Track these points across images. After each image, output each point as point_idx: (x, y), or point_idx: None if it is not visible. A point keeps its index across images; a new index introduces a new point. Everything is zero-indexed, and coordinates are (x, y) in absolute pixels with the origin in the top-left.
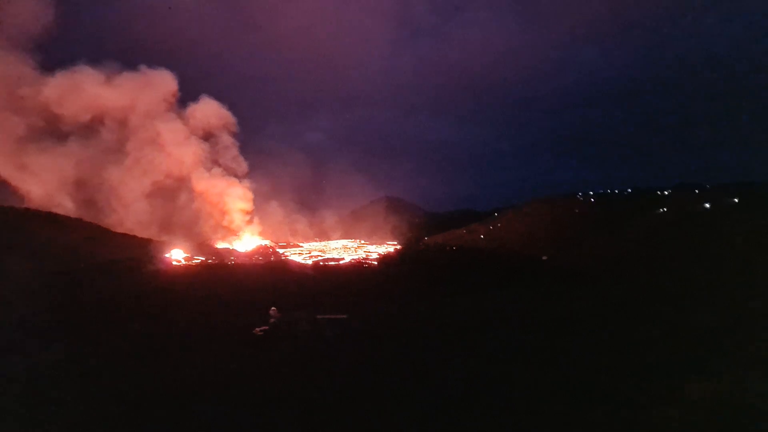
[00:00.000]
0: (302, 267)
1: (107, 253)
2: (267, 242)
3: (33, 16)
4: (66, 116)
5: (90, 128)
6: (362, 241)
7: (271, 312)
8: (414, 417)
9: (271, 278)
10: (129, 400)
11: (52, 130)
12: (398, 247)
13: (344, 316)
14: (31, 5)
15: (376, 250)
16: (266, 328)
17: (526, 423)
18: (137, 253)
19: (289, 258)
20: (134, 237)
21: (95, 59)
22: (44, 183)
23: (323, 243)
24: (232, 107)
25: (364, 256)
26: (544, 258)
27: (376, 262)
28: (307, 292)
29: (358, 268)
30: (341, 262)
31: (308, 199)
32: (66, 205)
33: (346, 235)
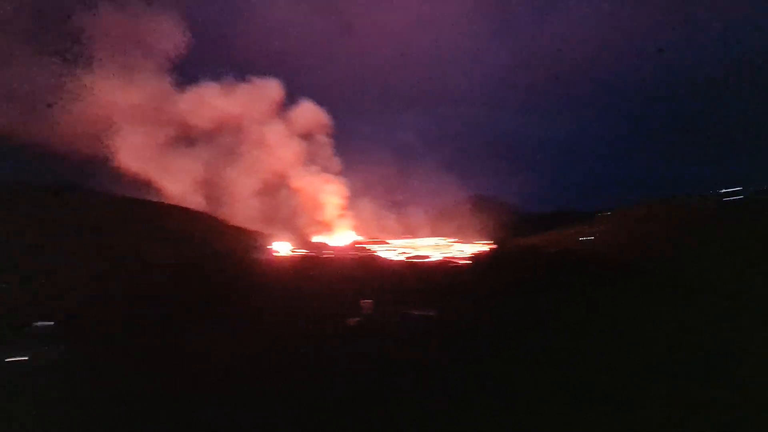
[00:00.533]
0: (392, 263)
1: (224, 242)
2: (359, 238)
3: (168, 39)
4: (194, 125)
5: (212, 134)
6: (452, 240)
7: (362, 304)
8: (494, 414)
9: (362, 272)
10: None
11: (184, 137)
12: (492, 246)
13: (433, 313)
14: (166, 31)
15: (467, 248)
16: (358, 319)
17: None
18: (246, 244)
19: (380, 254)
20: (244, 229)
21: (216, 73)
22: (178, 181)
23: (412, 240)
24: (328, 108)
25: (455, 254)
26: (658, 267)
27: (467, 261)
28: (396, 288)
29: (448, 266)
30: (431, 259)
31: (398, 197)
32: (196, 200)
33: (435, 233)
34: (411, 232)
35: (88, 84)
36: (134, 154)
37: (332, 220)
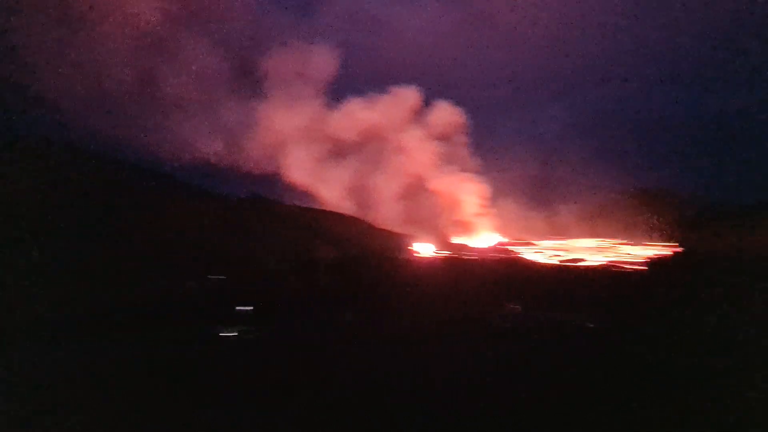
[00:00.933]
0: (541, 266)
1: (372, 244)
2: (503, 239)
3: (322, 67)
4: (344, 139)
5: (359, 145)
6: (617, 241)
7: (507, 309)
8: None
9: (507, 275)
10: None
11: (336, 150)
12: (675, 248)
13: (592, 325)
14: (320, 60)
15: (636, 251)
16: (503, 324)
17: None
18: (391, 245)
19: (526, 256)
20: (390, 231)
21: (360, 89)
22: (332, 190)
23: (565, 241)
24: (467, 107)
25: (621, 258)
26: None
27: (640, 267)
28: (547, 294)
29: (614, 272)
30: (588, 263)
31: (545, 195)
32: (348, 206)
33: (592, 233)
34: (562, 232)
35: (263, 113)
36: (298, 168)
37: (472, 220)
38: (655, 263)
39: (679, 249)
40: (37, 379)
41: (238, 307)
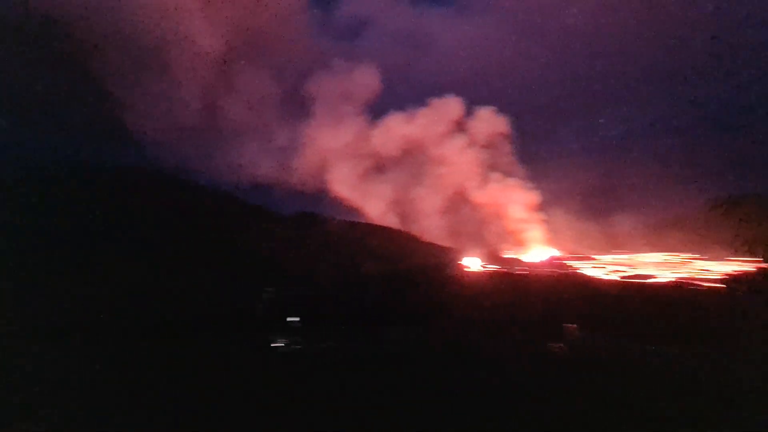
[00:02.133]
0: (602, 283)
1: (417, 257)
2: (558, 253)
3: (363, 85)
4: (386, 154)
5: (402, 159)
6: (690, 255)
7: (567, 328)
8: None
9: (564, 292)
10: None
11: (379, 165)
12: (761, 264)
13: (669, 350)
14: (361, 79)
15: (715, 267)
16: (561, 346)
17: None
18: (438, 259)
19: (585, 272)
20: (437, 245)
21: (401, 104)
22: (377, 204)
23: (629, 255)
24: (514, 116)
25: (695, 275)
26: None
27: (717, 285)
28: (609, 314)
29: (687, 290)
30: (657, 280)
31: (603, 204)
32: (393, 220)
33: (658, 247)
34: (622, 245)
35: (310, 133)
36: (344, 184)
37: (522, 231)
38: (735, 280)
39: (765, 264)
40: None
41: (288, 319)
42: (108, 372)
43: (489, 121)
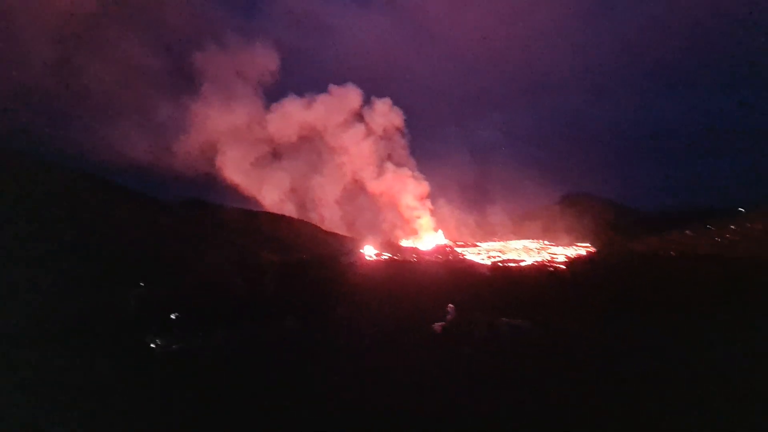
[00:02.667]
0: (480, 267)
1: (318, 247)
2: (446, 242)
3: (260, 66)
4: (282, 139)
5: (299, 146)
6: (546, 242)
7: (448, 309)
8: None
9: (449, 277)
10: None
11: (274, 150)
12: (592, 249)
13: (524, 322)
14: (259, 59)
15: (563, 252)
16: (444, 324)
17: None
18: (338, 248)
19: (467, 258)
20: (337, 234)
21: (299, 89)
22: (271, 192)
23: (502, 243)
24: (407, 113)
25: (549, 258)
26: None
27: (563, 266)
28: (484, 294)
29: (542, 271)
30: (522, 263)
31: (482, 199)
32: (290, 209)
33: (525, 235)
34: (497, 234)
35: (199, 112)
36: (237, 170)
37: (414, 222)
38: (575, 263)
39: (593, 249)
40: None
41: (173, 315)
42: None
43: (386, 113)
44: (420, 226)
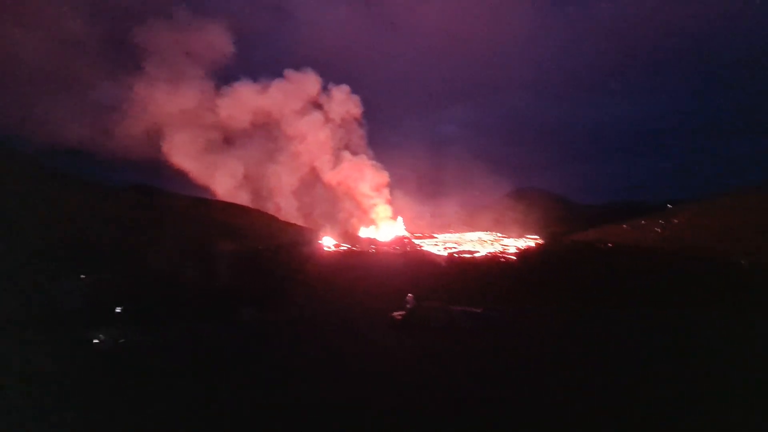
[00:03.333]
0: (437, 258)
1: (275, 237)
2: (404, 233)
3: (212, 46)
4: (234, 125)
5: (252, 132)
6: (499, 234)
7: (407, 299)
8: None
9: (407, 267)
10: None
11: (226, 137)
12: (539, 242)
13: (479, 310)
14: (210, 39)
15: (514, 243)
16: (402, 312)
17: None
18: (296, 238)
19: (425, 249)
20: (295, 225)
21: (253, 73)
22: (224, 180)
23: (458, 235)
24: (366, 103)
25: (501, 249)
26: (743, 262)
27: (513, 257)
28: (441, 284)
29: (495, 262)
30: (476, 255)
31: (440, 192)
32: (244, 197)
33: (481, 227)
34: (454, 226)
35: (144, 92)
36: (186, 155)
37: (372, 211)
38: (525, 254)
39: (541, 241)
40: None
41: (118, 309)
42: None
43: (344, 101)
44: (377, 215)
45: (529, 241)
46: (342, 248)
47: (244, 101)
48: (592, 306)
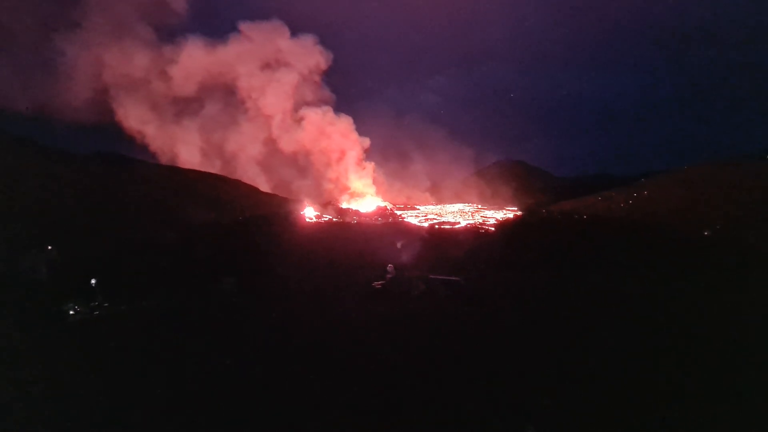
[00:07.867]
0: (418, 229)
1: (255, 207)
2: (386, 204)
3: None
4: (189, 87)
5: (212, 94)
6: (479, 206)
7: (388, 269)
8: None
9: (389, 238)
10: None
11: (188, 102)
12: (518, 213)
13: (457, 279)
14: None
15: (493, 215)
16: (383, 282)
17: None
18: (277, 209)
19: (406, 220)
20: (276, 196)
21: (209, 31)
22: (189, 147)
23: (439, 206)
24: (346, 73)
25: (481, 221)
26: (706, 234)
27: (492, 228)
28: (422, 254)
29: (474, 233)
30: (457, 226)
31: (423, 163)
32: (216, 165)
33: (463, 199)
34: (437, 198)
35: (88, 52)
36: (139, 120)
37: (353, 182)
38: (503, 225)
39: (520, 213)
40: None
41: (93, 281)
42: None
43: (312, 55)
44: (358, 186)
45: (508, 213)
46: (323, 219)
47: (198, 61)
48: (568, 273)
